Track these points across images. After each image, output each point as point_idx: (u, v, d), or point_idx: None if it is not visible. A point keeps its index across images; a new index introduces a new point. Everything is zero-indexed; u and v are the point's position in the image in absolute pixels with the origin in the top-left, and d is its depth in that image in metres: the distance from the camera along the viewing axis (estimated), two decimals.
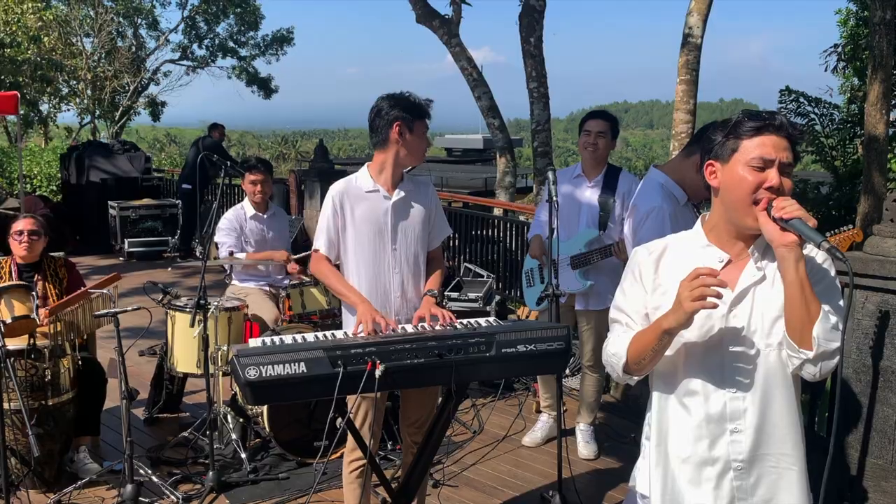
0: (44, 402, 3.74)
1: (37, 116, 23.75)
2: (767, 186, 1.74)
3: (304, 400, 3.76)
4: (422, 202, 3.10)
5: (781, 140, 1.76)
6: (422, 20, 9.02)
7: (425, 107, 2.99)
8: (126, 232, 9.76)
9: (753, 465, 1.84)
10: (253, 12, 25.99)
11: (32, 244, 4.04)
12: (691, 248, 1.91)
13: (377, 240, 3.00)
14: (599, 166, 4.17)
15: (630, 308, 1.94)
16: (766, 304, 1.81)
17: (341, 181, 3.10)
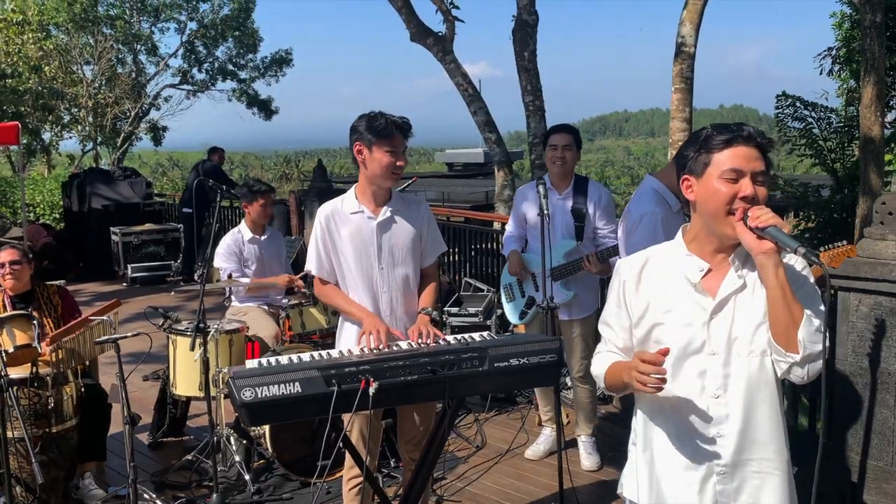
0: (48, 430, 3.76)
1: (39, 145, 23.91)
2: (742, 196, 1.78)
3: (300, 419, 3.78)
4: (411, 221, 3.12)
5: (752, 150, 1.81)
6: (416, 38, 9.09)
7: (389, 126, 2.92)
8: (129, 257, 9.83)
9: (736, 469, 1.88)
10: (251, 35, 26.18)
11: (17, 274, 4.06)
12: (672, 259, 1.95)
13: (364, 260, 3.04)
14: (567, 178, 4.23)
15: (616, 324, 2.01)
16: (748, 312, 1.86)
17: (329, 203, 3.14)
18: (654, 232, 3.17)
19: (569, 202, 4.23)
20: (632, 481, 2.03)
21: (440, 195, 20.57)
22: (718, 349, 1.85)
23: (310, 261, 3.14)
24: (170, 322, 4.48)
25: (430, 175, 30.31)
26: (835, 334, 3.60)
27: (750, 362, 1.85)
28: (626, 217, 3.44)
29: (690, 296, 1.88)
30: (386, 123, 2.91)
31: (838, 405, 3.62)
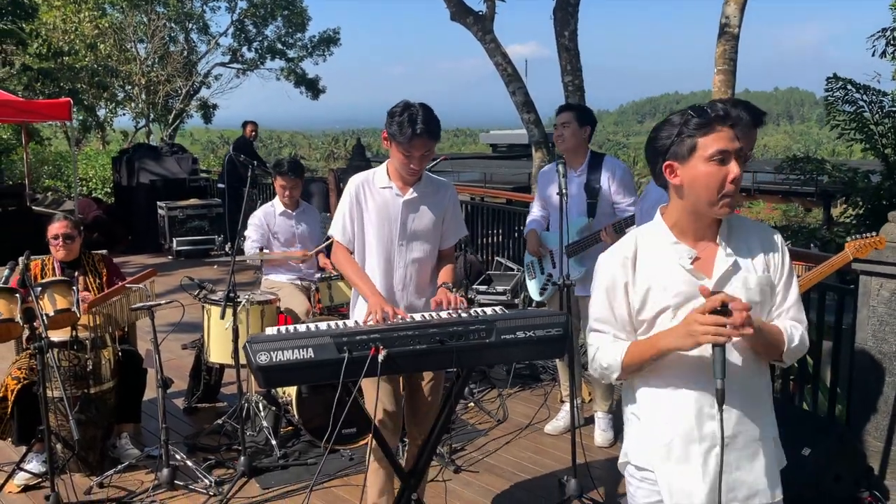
0: (86, 391, 3.98)
1: (94, 122, 24.57)
2: (732, 179, 1.84)
3: (312, 383, 3.92)
4: (436, 203, 3.18)
5: (731, 130, 1.86)
6: (456, 17, 9.11)
7: (408, 132, 2.92)
8: (174, 231, 10.11)
9: (735, 441, 1.94)
10: (300, 14, 26.41)
11: (68, 246, 4.27)
12: (661, 245, 1.96)
13: (385, 234, 3.12)
14: (580, 156, 4.26)
15: (616, 321, 2.00)
16: (743, 291, 1.90)
17: (361, 174, 3.23)
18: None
19: (583, 179, 4.27)
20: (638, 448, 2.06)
21: (483, 176, 20.63)
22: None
23: (334, 225, 3.22)
24: (205, 292, 4.64)
25: (473, 156, 30.32)
26: (854, 318, 3.59)
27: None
28: (644, 197, 3.46)
29: (689, 280, 1.91)
30: (406, 129, 2.91)
31: (857, 389, 3.62)
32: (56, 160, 16.67)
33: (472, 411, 4.88)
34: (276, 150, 47.96)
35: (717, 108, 1.86)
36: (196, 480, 3.93)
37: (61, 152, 17.82)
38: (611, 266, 2.00)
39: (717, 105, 1.89)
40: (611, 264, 2.00)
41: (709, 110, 1.87)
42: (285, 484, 3.95)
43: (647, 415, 2.03)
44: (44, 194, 13.39)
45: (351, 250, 3.20)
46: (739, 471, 1.96)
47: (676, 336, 1.84)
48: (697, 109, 1.89)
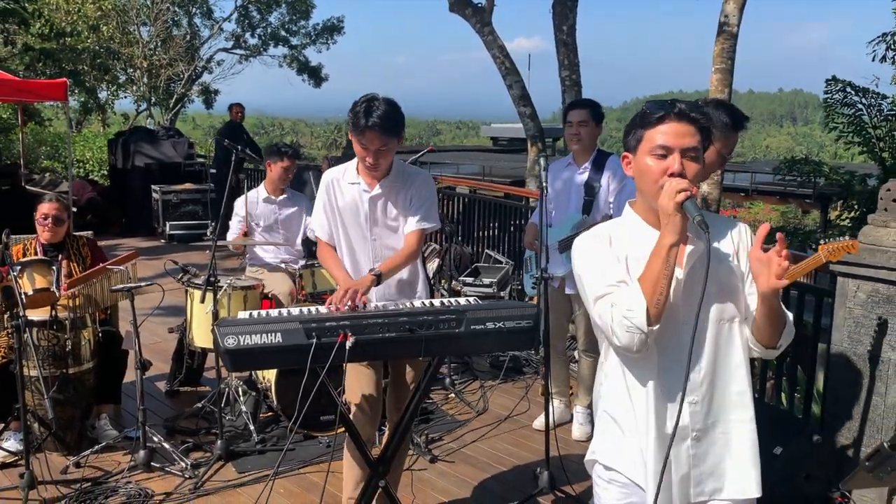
0: (65, 371, 3.98)
1: (95, 104, 24.54)
2: (670, 173, 1.84)
3: (280, 368, 3.94)
4: (406, 196, 3.13)
5: (683, 126, 1.86)
6: (455, 8, 9.09)
7: (356, 120, 2.89)
8: (168, 215, 10.12)
9: (706, 433, 1.94)
10: (304, 1, 26.32)
11: (55, 229, 4.26)
12: (634, 230, 1.98)
13: (356, 230, 3.13)
14: (587, 153, 4.25)
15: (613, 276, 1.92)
16: (713, 281, 1.87)
17: (332, 170, 3.23)
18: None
19: (584, 177, 4.26)
20: (607, 446, 2.05)
21: (482, 169, 20.61)
22: (689, 318, 1.87)
23: (315, 224, 3.24)
24: (188, 276, 4.65)
25: (473, 149, 30.29)
26: (831, 319, 3.59)
27: (720, 329, 1.93)
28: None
29: None
30: (359, 120, 2.88)
31: (831, 390, 3.62)
32: (54, 141, 16.67)
33: (452, 402, 4.89)
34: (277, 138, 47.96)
35: (675, 105, 1.87)
36: (172, 463, 3.94)
37: (59, 133, 17.82)
38: (588, 240, 2.00)
39: (680, 103, 1.89)
40: (588, 239, 2.00)
41: (666, 105, 1.88)
42: (261, 468, 3.96)
43: (615, 411, 2.02)
44: (41, 175, 13.39)
45: (334, 245, 3.21)
46: (706, 463, 1.95)
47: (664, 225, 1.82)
48: (653, 103, 1.91)
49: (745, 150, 60.10)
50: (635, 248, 1.94)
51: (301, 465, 4.00)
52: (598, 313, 1.92)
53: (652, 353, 1.92)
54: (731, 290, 1.94)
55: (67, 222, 4.37)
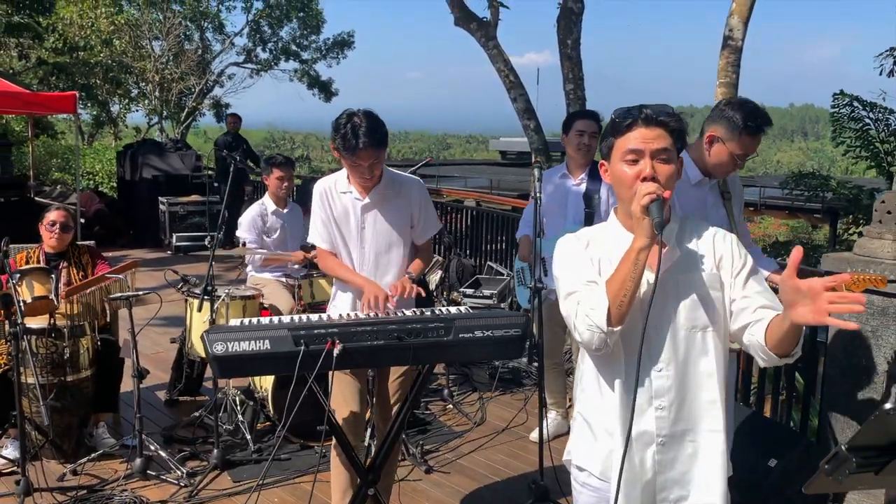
0: (63, 378, 4.01)
1: (107, 117, 24.79)
2: (642, 178, 1.86)
3: (268, 374, 3.96)
4: (399, 204, 3.17)
5: (652, 130, 1.89)
6: (459, 23, 9.16)
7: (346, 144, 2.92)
8: (174, 227, 10.19)
9: (673, 440, 1.94)
10: (315, 16, 26.56)
11: (62, 236, 4.32)
12: (611, 234, 2.01)
13: (348, 237, 3.16)
14: (586, 164, 4.25)
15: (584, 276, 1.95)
16: (686, 288, 1.92)
17: (324, 180, 3.26)
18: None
19: (582, 187, 4.27)
20: (579, 448, 2.08)
21: (490, 182, 20.67)
22: (660, 324, 1.90)
23: (313, 233, 3.25)
24: (188, 286, 4.69)
25: (482, 162, 30.38)
26: (827, 332, 3.58)
27: (690, 337, 1.92)
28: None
29: None
30: (350, 142, 2.91)
31: (826, 402, 3.61)
32: (65, 153, 16.84)
33: (450, 413, 4.89)
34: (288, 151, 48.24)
35: (642, 111, 1.90)
36: (169, 471, 3.95)
37: (71, 146, 18.00)
38: (566, 243, 2.05)
39: (647, 107, 1.91)
40: (566, 241, 2.05)
41: (633, 111, 1.90)
42: (256, 478, 3.96)
43: (588, 413, 2.04)
44: (52, 186, 13.52)
45: (334, 252, 3.23)
46: (673, 471, 1.95)
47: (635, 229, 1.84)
48: (621, 111, 1.93)
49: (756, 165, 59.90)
50: (611, 252, 1.96)
51: (297, 475, 4.01)
52: (564, 309, 1.98)
53: (620, 354, 1.93)
54: (705, 299, 1.92)
55: (72, 231, 4.42)
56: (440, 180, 19.67)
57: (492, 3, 9.12)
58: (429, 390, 5.17)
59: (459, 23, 9.20)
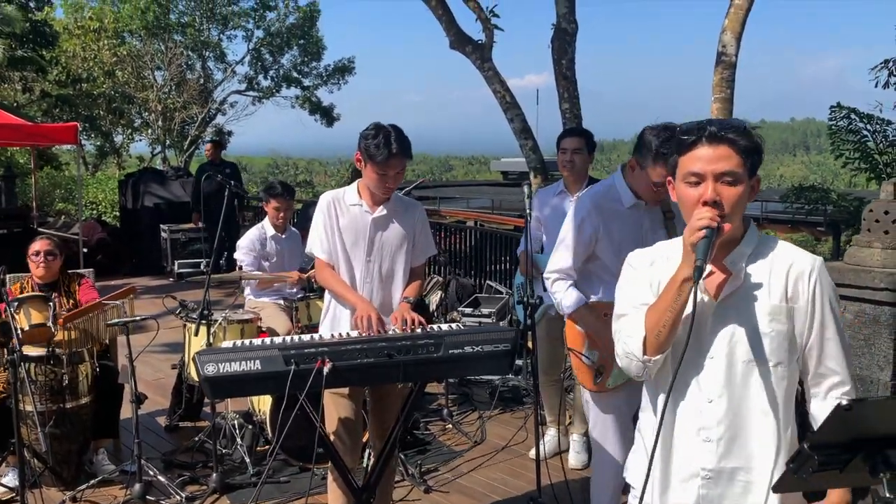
0: (62, 405, 4.03)
1: (111, 147, 24.99)
2: (703, 202, 1.76)
3: (259, 395, 3.96)
4: (404, 221, 3.24)
5: (717, 150, 1.76)
6: (455, 46, 9.23)
7: (382, 153, 3.01)
8: (176, 254, 10.23)
9: (721, 476, 1.84)
10: (315, 43, 26.85)
11: (49, 264, 4.32)
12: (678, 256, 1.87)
13: (354, 250, 3.18)
14: (580, 181, 4.28)
15: (638, 299, 1.91)
16: (747, 318, 1.81)
17: (332, 192, 3.30)
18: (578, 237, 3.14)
19: None
20: (636, 467, 2.03)
21: (492, 203, 20.75)
22: (717, 353, 1.82)
23: (312, 243, 3.26)
24: (186, 311, 4.72)
25: (483, 183, 30.50)
26: None
27: (748, 370, 1.81)
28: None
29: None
30: (382, 150, 3.00)
31: None
32: (68, 184, 16.98)
33: (450, 433, 4.88)
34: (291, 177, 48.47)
35: (706, 128, 1.79)
36: (168, 496, 3.95)
37: (74, 176, 18.16)
38: (634, 258, 1.99)
39: (712, 124, 1.80)
40: (634, 257, 1.99)
41: (697, 128, 1.81)
42: (257, 501, 3.96)
43: (645, 432, 2.00)
44: (56, 217, 13.62)
45: (333, 264, 3.24)
46: None
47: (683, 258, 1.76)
48: (686, 127, 1.83)
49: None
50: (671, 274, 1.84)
51: (296, 497, 4.00)
52: (614, 330, 1.95)
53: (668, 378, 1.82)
54: (768, 333, 1.80)
55: (60, 258, 4.41)
56: (442, 202, 19.77)
57: (486, 26, 9.19)
58: (428, 410, 5.17)
59: (455, 46, 9.27)
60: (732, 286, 1.81)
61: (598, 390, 3.09)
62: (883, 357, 3.32)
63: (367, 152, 3.04)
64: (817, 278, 1.83)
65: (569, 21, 9.10)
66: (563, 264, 3.12)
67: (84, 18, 22.75)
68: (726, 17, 8.51)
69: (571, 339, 3.17)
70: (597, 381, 3.07)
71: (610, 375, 3.03)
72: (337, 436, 3.11)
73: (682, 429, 1.86)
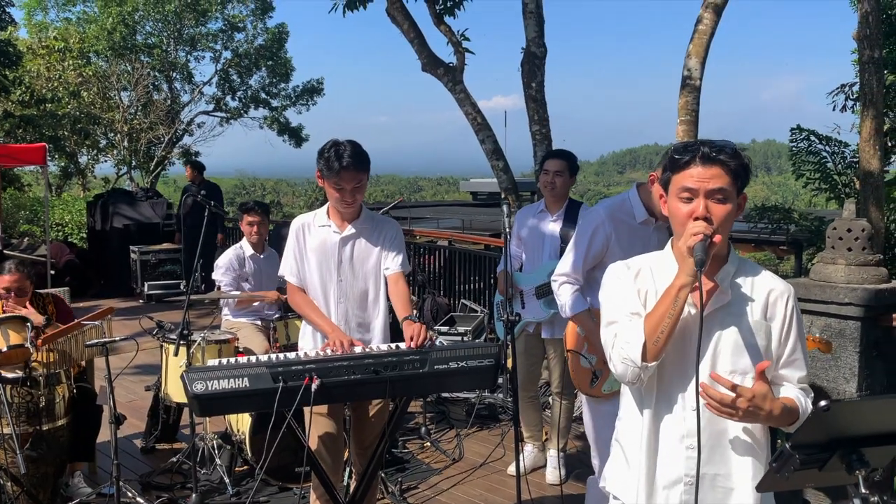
0: (38, 428, 3.98)
1: (75, 168, 24.67)
2: (694, 217, 1.87)
3: (247, 411, 3.97)
4: (374, 239, 3.27)
5: (708, 169, 1.87)
6: (427, 68, 9.35)
7: (331, 165, 3.04)
8: (146, 275, 10.16)
9: (703, 482, 1.91)
10: (284, 64, 26.83)
11: (18, 301, 4.21)
12: (665, 267, 2.00)
13: (324, 271, 3.22)
14: (560, 201, 4.38)
15: (628, 307, 1.98)
16: (731, 332, 1.92)
17: (303, 216, 3.35)
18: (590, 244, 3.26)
19: (559, 225, 4.39)
20: (614, 476, 2.09)
21: (462, 223, 20.81)
22: (701, 364, 1.86)
23: (284, 268, 3.33)
24: (163, 332, 4.71)
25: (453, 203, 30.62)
26: None
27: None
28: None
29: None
30: (333, 164, 3.03)
31: None
32: (33, 205, 16.73)
33: (428, 451, 4.92)
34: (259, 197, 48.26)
35: (700, 148, 1.90)
36: None
37: (38, 197, 17.89)
38: (615, 270, 2.06)
39: (706, 144, 1.91)
40: (616, 268, 2.06)
41: (692, 147, 1.91)
42: None
43: (624, 440, 2.06)
44: (19, 239, 13.39)
45: (304, 288, 3.29)
46: None
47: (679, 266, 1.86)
48: (681, 146, 1.95)
49: None
50: (661, 284, 1.96)
51: None
52: (603, 337, 2.01)
53: (654, 387, 1.93)
54: (750, 346, 1.91)
55: (31, 288, 4.32)
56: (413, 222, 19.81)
57: (457, 49, 9.32)
58: (406, 429, 5.20)
59: (427, 68, 9.39)
60: (719, 301, 1.92)
61: (594, 394, 3.18)
62: (849, 369, 3.45)
63: (321, 168, 3.10)
64: (794, 304, 1.97)
65: (538, 45, 9.28)
66: (571, 269, 3.24)
67: (49, 38, 22.55)
68: (691, 42, 8.75)
69: (571, 341, 3.27)
70: (593, 385, 3.16)
71: (606, 381, 3.12)
72: (319, 455, 3.13)
73: (667, 436, 1.94)
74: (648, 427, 1.95)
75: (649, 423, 1.95)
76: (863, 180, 7.85)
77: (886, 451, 1.49)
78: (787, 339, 1.95)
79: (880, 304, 3.42)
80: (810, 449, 1.36)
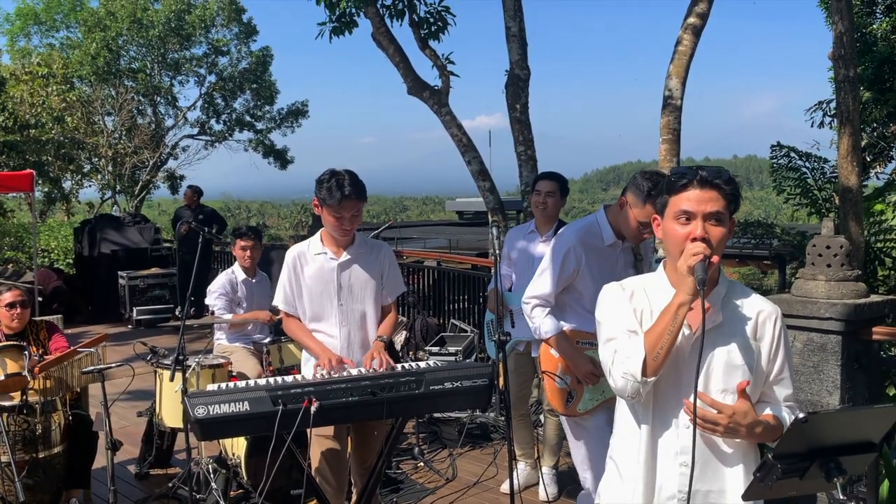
0: (35, 455, 4.01)
1: (59, 193, 24.57)
2: (692, 238, 1.93)
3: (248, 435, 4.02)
4: (370, 263, 3.38)
5: (707, 192, 1.95)
6: (413, 91, 9.48)
7: (335, 196, 3.14)
8: (135, 300, 10.16)
9: (696, 498, 1.98)
10: (268, 87, 26.93)
11: (23, 313, 4.32)
12: (659, 288, 2.08)
13: (324, 297, 3.31)
14: (550, 222, 4.48)
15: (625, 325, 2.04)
16: (723, 352, 2.00)
17: (298, 245, 3.44)
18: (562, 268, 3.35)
19: (548, 246, 4.47)
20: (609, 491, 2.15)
21: (449, 242, 20.96)
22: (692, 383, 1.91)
23: (278, 297, 3.42)
24: (158, 357, 4.74)
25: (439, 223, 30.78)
26: None
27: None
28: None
29: None
30: (335, 193, 3.13)
31: None
32: (18, 231, 16.66)
33: (421, 471, 4.97)
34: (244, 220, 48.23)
35: (698, 173, 1.97)
36: None
37: (24, 224, 17.81)
38: (610, 290, 2.12)
39: (703, 170, 1.99)
40: (610, 289, 2.13)
41: (689, 172, 1.99)
42: None
43: (618, 456, 2.13)
44: (4, 266, 13.34)
45: (298, 316, 3.37)
46: None
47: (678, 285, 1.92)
48: (678, 170, 2.03)
49: None
50: (654, 305, 2.03)
51: None
52: (602, 354, 2.06)
53: (650, 403, 2.00)
54: (741, 366, 1.98)
55: (28, 307, 4.41)
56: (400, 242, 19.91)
57: (442, 73, 9.46)
58: (399, 449, 5.24)
59: (412, 91, 9.52)
60: (711, 322, 1.98)
61: (569, 414, 3.27)
62: (831, 382, 3.55)
63: (322, 196, 3.19)
64: (781, 325, 2.05)
65: (521, 67, 9.43)
66: (543, 291, 3.34)
67: (32, 64, 22.53)
68: (671, 63, 8.93)
69: (546, 362, 3.36)
70: (568, 405, 3.24)
71: (580, 400, 3.21)
72: (323, 478, 3.19)
73: (663, 453, 2.01)
74: (644, 444, 2.02)
75: (646, 441, 2.02)
76: (842, 196, 8.03)
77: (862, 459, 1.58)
78: (775, 358, 2.03)
79: (860, 318, 3.53)
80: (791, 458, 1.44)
